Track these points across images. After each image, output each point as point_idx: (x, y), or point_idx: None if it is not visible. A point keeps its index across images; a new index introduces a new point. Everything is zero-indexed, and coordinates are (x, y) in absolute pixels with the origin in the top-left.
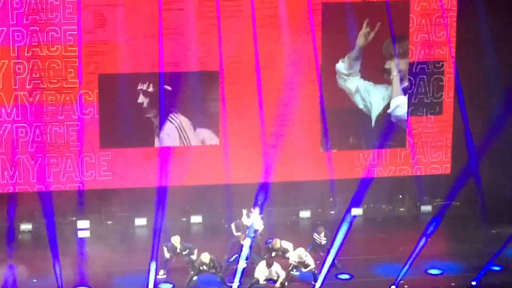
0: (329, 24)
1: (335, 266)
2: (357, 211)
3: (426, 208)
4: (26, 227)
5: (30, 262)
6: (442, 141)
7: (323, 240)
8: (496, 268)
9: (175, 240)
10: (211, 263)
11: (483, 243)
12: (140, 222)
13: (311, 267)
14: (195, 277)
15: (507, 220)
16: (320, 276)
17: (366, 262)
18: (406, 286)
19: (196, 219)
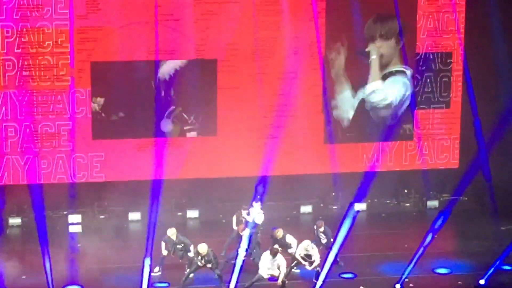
0: (333, 10)
1: (338, 264)
2: (360, 206)
3: (433, 203)
4: (15, 221)
5: (19, 258)
6: (450, 134)
7: (322, 239)
8: (506, 267)
9: (171, 233)
10: (208, 256)
11: (492, 240)
12: (134, 216)
13: (316, 263)
14: (191, 274)
15: None
16: (322, 274)
17: (370, 259)
18: (411, 285)
19: (193, 213)
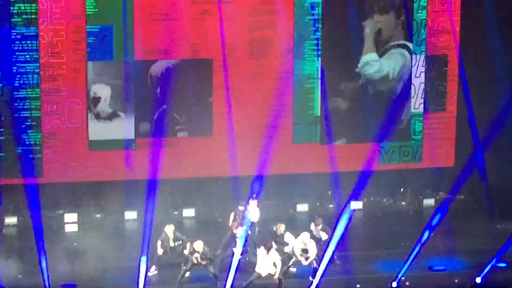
0: (330, 8)
1: (334, 262)
2: (356, 205)
3: (429, 201)
4: (11, 220)
5: (15, 257)
6: (445, 132)
7: (322, 235)
8: (501, 265)
9: (169, 229)
10: (203, 254)
11: (488, 238)
12: (130, 215)
13: (311, 258)
14: (187, 273)
15: None
16: (318, 272)
17: (366, 258)
18: (407, 283)
19: (189, 212)
